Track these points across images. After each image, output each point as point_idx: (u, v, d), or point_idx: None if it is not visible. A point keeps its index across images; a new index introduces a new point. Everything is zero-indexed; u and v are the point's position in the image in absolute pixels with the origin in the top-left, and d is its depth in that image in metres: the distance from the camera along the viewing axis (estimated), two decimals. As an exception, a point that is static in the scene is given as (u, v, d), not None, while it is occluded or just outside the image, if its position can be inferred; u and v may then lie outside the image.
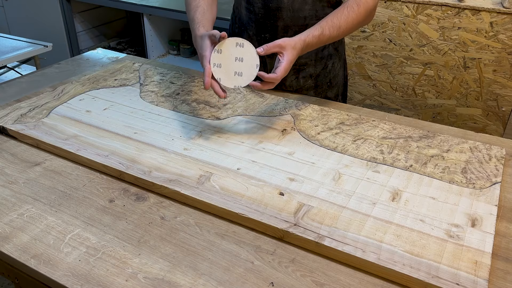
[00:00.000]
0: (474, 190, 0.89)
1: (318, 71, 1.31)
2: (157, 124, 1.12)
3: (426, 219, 0.81)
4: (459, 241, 0.76)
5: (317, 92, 1.33)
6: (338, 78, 1.36)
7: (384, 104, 2.26)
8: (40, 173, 0.96)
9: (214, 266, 0.73)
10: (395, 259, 0.72)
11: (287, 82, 1.31)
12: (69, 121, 1.12)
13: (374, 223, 0.80)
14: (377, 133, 1.09)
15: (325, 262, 0.75)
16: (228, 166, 0.95)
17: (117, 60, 1.55)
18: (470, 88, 2.03)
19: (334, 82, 1.35)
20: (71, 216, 0.84)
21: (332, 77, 1.34)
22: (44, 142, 1.03)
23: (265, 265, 0.73)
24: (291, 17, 1.21)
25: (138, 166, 0.95)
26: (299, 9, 1.21)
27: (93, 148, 1.00)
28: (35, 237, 0.79)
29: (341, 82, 1.38)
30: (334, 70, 1.33)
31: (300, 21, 1.22)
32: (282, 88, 1.32)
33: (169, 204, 0.87)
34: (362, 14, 1.11)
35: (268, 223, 0.79)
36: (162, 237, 0.79)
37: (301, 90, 1.33)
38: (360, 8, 1.10)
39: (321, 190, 0.88)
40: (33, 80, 1.39)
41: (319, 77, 1.31)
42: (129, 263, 0.73)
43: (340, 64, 1.35)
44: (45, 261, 0.74)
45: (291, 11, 1.20)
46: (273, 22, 1.23)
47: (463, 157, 0.99)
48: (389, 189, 0.89)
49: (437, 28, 1.99)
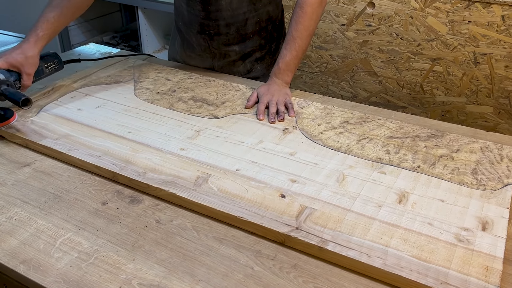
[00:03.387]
0: (484, 192, 0.89)
1: (263, 54, 1.40)
2: (152, 123, 1.12)
3: (434, 222, 0.81)
4: (469, 245, 0.76)
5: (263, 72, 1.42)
6: None
7: (390, 102, 2.26)
8: (30, 174, 0.96)
9: (212, 272, 0.73)
10: (402, 264, 0.72)
11: (235, 69, 1.41)
12: (60, 119, 1.12)
13: (380, 226, 0.80)
14: (383, 132, 1.09)
15: (328, 268, 0.75)
16: (227, 167, 0.95)
17: (110, 56, 1.55)
18: (481, 85, 2.03)
19: None
20: (62, 219, 0.84)
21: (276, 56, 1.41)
22: (33, 142, 1.03)
23: (265, 270, 0.74)
24: (231, 15, 1.30)
25: (132, 167, 0.95)
26: (238, 7, 1.29)
27: (85, 148, 1.00)
28: (25, 241, 0.79)
29: None
30: (277, 50, 1.42)
31: (240, 17, 1.31)
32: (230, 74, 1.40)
33: (164, 206, 0.88)
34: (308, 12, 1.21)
35: (268, 226, 0.79)
36: (158, 242, 0.79)
37: (248, 73, 1.42)
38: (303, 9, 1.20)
39: (324, 192, 0.88)
40: (22, 76, 1.39)
41: (264, 60, 1.41)
42: (123, 268, 0.74)
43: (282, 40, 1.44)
44: (35, 266, 0.74)
45: (230, 10, 1.29)
46: (214, 21, 1.31)
47: (473, 157, 0.99)
48: (395, 191, 0.89)
49: (446, 21, 1.99)
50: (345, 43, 2.25)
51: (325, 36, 2.27)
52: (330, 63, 2.34)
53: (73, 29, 3.14)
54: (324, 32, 2.26)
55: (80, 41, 3.19)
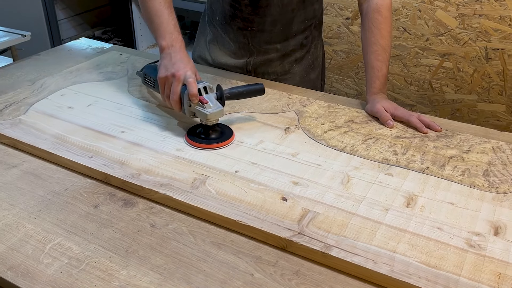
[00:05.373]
0: (497, 195, 0.89)
1: (303, 54, 1.39)
2: (146, 122, 1.12)
3: (444, 226, 0.81)
4: (481, 251, 0.76)
5: (302, 75, 1.41)
6: (319, 59, 1.46)
7: (397, 100, 2.26)
8: (18, 176, 0.96)
9: (210, 279, 0.73)
10: (410, 271, 0.72)
11: (270, 69, 1.39)
12: (50, 118, 1.13)
13: (387, 231, 0.80)
14: (389, 132, 1.09)
15: (332, 275, 0.75)
16: (225, 169, 0.95)
17: (102, 51, 1.55)
18: (493, 82, 2.03)
19: (316, 63, 1.44)
20: (52, 223, 0.84)
21: (314, 58, 1.43)
22: (22, 142, 1.03)
23: (266, 277, 0.74)
24: (279, 12, 1.28)
25: (126, 168, 0.95)
26: (288, 3, 1.27)
27: (76, 149, 1.01)
28: (12, 246, 0.79)
29: (321, 62, 1.48)
30: (316, 52, 1.42)
31: (288, 14, 1.29)
32: (264, 77, 1.38)
33: (160, 210, 0.88)
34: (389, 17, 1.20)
35: (269, 231, 0.79)
36: (152, 247, 0.79)
37: (285, 74, 1.40)
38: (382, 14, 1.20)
39: (328, 195, 0.88)
40: (10, 73, 1.39)
41: (303, 60, 1.40)
42: (116, 275, 0.74)
43: (320, 44, 1.45)
44: (23, 273, 0.74)
45: (279, 6, 1.27)
46: (260, 17, 1.29)
47: (485, 158, 1.00)
48: (403, 194, 0.89)
49: (456, 15, 1.99)
50: (350, 37, 2.25)
51: (329, 30, 2.27)
52: (334, 59, 2.34)
53: (63, 23, 3.14)
54: (328, 26, 2.26)
55: (70, 36, 3.19)
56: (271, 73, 1.39)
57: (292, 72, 1.40)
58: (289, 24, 1.31)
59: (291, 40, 1.34)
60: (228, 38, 1.36)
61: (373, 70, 1.19)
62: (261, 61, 1.37)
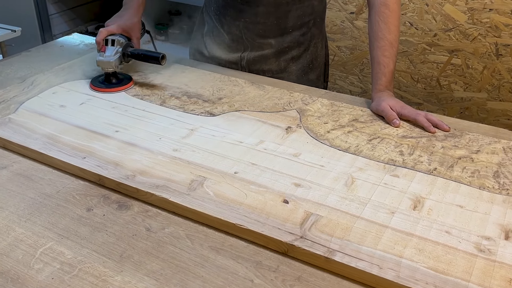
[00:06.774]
0: (508, 197, 0.89)
1: (300, 53, 1.38)
2: (142, 121, 1.12)
3: (452, 230, 0.81)
4: (491, 256, 0.76)
5: (299, 75, 1.41)
6: (320, 59, 1.44)
7: (404, 98, 2.26)
8: (7, 177, 0.96)
9: (208, 285, 0.73)
10: (417, 277, 0.72)
11: (266, 66, 1.39)
12: (41, 117, 1.13)
13: (393, 235, 0.80)
14: (396, 132, 1.09)
15: (336, 280, 0.75)
16: (224, 170, 0.95)
17: (95, 47, 1.55)
18: (504, 79, 2.03)
19: (316, 63, 1.43)
20: (43, 227, 0.84)
21: (313, 58, 1.41)
22: (11, 142, 1.03)
23: (266, 283, 0.74)
24: (272, 3, 1.29)
25: (120, 169, 0.95)
26: None
27: (68, 149, 1.01)
28: (1, 251, 0.79)
29: (322, 62, 1.47)
30: (316, 51, 1.41)
31: (282, 7, 1.30)
32: (259, 75, 1.38)
33: (156, 213, 0.88)
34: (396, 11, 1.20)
35: (270, 235, 0.79)
36: (148, 252, 0.79)
37: (281, 73, 1.39)
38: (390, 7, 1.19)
39: (331, 197, 0.88)
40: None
41: (300, 59, 1.39)
42: (110, 281, 0.74)
43: (322, 44, 1.44)
44: (13, 279, 0.74)
45: None
46: (251, 7, 1.30)
47: (495, 159, 1.00)
48: (409, 196, 0.89)
49: (465, 10, 1.99)
50: (354, 33, 2.25)
51: (332, 25, 2.27)
52: (337, 55, 2.34)
53: (55, 17, 3.14)
54: (331, 21, 2.26)
55: (62, 31, 3.19)
56: (266, 70, 1.39)
57: (288, 71, 1.40)
58: (284, 18, 1.31)
59: (286, 36, 1.34)
60: (223, 30, 1.38)
61: (379, 66, 1.19)
62: (255, 56, 1.37)
